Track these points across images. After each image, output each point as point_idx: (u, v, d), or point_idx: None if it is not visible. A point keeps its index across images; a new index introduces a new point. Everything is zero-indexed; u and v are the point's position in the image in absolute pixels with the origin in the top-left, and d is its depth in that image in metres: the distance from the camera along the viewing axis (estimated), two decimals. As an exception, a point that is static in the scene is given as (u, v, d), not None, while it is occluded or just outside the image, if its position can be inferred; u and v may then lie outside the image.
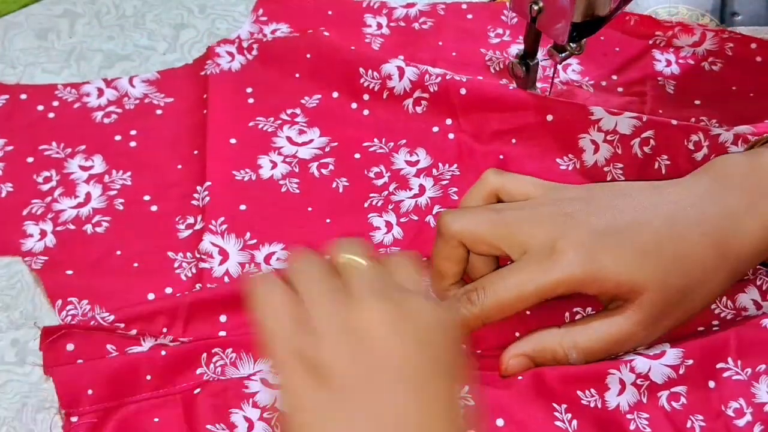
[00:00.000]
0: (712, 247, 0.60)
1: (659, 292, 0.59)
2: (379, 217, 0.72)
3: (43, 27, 0.84)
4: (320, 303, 0.49)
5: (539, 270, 0.59)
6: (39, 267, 0.69)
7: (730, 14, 0.83)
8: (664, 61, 0.80)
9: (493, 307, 0.60)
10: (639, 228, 0.60)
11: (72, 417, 0.61)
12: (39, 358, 0.64)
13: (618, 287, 0.59)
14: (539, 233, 0.60)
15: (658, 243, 0.60)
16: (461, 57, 0.81)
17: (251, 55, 0.81)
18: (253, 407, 0.62)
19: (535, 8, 0.69)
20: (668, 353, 0.61)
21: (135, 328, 0.64)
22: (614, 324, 0.60)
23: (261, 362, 0.63)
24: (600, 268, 0.59)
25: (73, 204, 0.72)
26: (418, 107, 0.77)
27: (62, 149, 0.75)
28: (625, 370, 0.61)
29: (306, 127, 0.77)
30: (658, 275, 0.59)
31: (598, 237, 0.60)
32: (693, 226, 0.60)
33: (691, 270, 0.60)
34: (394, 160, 0.75)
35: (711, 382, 0.61)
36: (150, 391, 0.62)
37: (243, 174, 0.74)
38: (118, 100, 0.79)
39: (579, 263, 0.59)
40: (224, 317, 0.65)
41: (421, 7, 0.85)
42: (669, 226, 0.60)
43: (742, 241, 0.60)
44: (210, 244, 0.69)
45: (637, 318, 0.60)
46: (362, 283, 0.50)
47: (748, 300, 0.65)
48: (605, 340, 0.60)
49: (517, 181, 0.65)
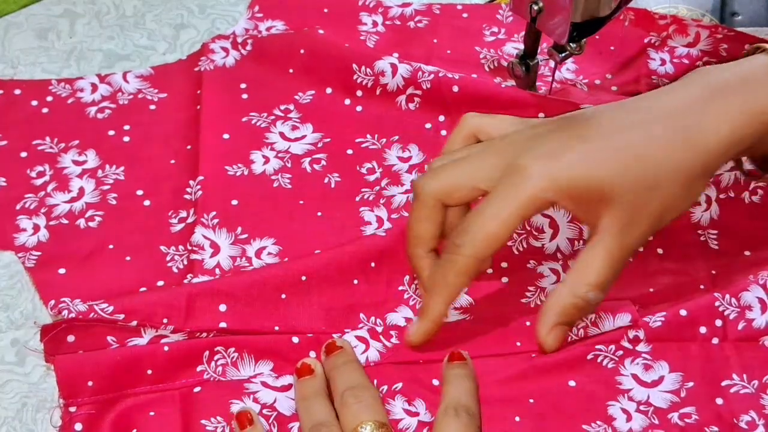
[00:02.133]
0: (679, 141, 0.60)
1: (629, 190, 0.59)
2: (370, 211, 0.72)
3: (43, 27, 0.85)
4: None
5: (510, 191, 0.59)
6: (32, 265, 0.69)
7: (730, 14, 0.83)
8: (658, 60, 0.80)
9: (480, 243, 0.60)
10: (601, 131, 0.60)
11: (71, 407, 0.61)
12: (39, 358, 0.64)
13: (588, 191, 0.59)
14: (506, 157, 0.60)
15: (623, 140, 0.60)
16: (455, 55, 0.81)
17: (245, 51, 0.81)
18: (253, 402, 0.62)
19: (535, 8, 0.69)
20: (666, 379, 0.61)
21: (135, 319, 0.64)
22: (599, 243, 0.59)
23: (262, 364, 0.63)
24: (567, 176, 0.59)
25: (66, 198, 0.73)
26: (411, 104, 0.77)
27: (56, 144, 0.76)
28: (624, 400, 0.61)
29: (299, 122, 0.77)
30: (625, 171, 0.59)
31: (561, 145, 0.60)
32: (657, 121, 0.60)
33: (659, 162, 0.59)
34: (386, 156, 0.75)
35: (718, 399, 0.61)
36: (149, 384, 0.62)
37: (235, 169, 0.74)
38: (112, 96, 0.79)
39: (545, 174, 0.59)
40: (224, 306, 0.65)
41: (417, 6, 0.85)
42: (632, 122, 0.60)
43: (709, 133, 0.60)
44: (202, 237, 0.70)
45: (615, 224, 0.59)
46: None
47: (753, 298, 0.65)
48: (604, 261, 0.59)
49: (496, 121, 0.65)
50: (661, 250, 0.69)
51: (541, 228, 0.70)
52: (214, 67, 0.80)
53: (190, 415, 0.61)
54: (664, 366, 0.62)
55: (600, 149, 0.59)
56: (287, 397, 0.62)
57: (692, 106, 0.61)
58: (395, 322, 0.66)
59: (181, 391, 0.62)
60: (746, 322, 0.64)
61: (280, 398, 0.62)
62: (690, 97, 0.61)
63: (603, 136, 0.60)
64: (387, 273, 0.68)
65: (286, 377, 0.63)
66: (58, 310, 0.64)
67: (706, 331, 0.64)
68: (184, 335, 0.64)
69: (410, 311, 0.66)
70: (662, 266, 0.69)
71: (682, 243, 0.70)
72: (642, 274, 0.68)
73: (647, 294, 0.67)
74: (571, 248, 0.69)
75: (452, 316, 0.66)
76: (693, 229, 0.71)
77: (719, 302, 0.64)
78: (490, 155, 0.62)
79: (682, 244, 0.70)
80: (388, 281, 0.68)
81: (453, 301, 0.62)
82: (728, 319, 0.64)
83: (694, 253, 0.69)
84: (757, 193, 0.72)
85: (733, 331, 0.64)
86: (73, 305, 0.64)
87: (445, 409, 0.59)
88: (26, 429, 0.62)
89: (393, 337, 0.65)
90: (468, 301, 0.67)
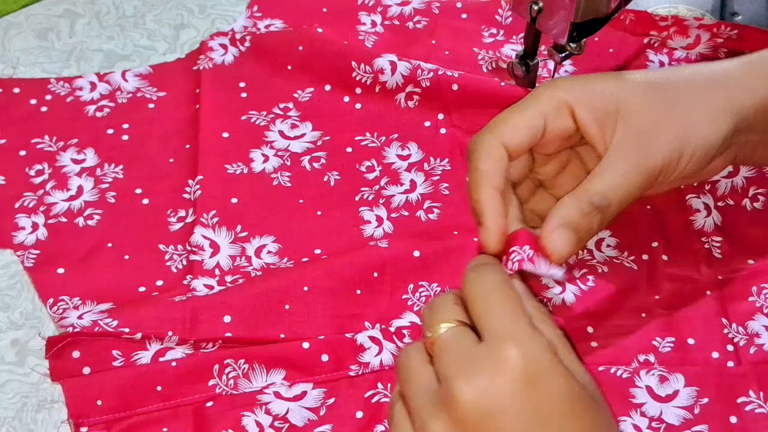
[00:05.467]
0: (702, 76, 0.61)
1: (646, 105, 0.59)
2: (370, 211, 0.72)
3: (43, 27, 0.85)
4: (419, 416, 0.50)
5: (533, 94, 0.60)
6: (31, 264, 0.69)
7: (729, 14, 0.83)
8: (657, 62, 0.80)
9: (504, 126, 0.59)
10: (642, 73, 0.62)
11: (81, 427, 0.61)
12: (39, 358, 0.65)
13: (604, 100, 0.59)
14: None
15: (647, 74, 0.61)
16: (454, 56, 0.81)
17: (244, 47, 0.81)
18: (265, 413, 0.61)
19: (535, 8, 0.69)
20: (681, 393, 0.61)
21: (140, 332, 0.64)
22: (611, 154, 0.59)
23: (274, 373, 0.63)
24: (585, 85, 0.60)
25: (65, 197, 0.73)
26: (410, 102, 0.77)
27: (55, 143, 0.76)
28: (636, 416, 0.61)
29: (298, 121, 0.77)
30: (644, 90, 0.60)
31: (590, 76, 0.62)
32: (698, 74, 0.61)
33: (679, 87, 0.60)
34: (385, 154, 0.75)
35: (733, 417, 0.61)
36: (161, 401, 0.62)
37: (235, 167, 0.74)
38: (111, 94, 0.79)
39: (566, 83, 0.61)
40: (228, 318, 0.65)
41: (416, 5, 0.85)
42: (672, 71, 0.62)
43: (745, 97, 0.60)
44: (201, 237, 0.70)
45: (629, 135, 0.59)
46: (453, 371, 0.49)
47: (760, 326, 0.65)
48: (614, 171, 0.58)
49: None
50: (666, 256, 0.69)
51: None
52: (212, 65, 0.80)
53: (202, 431, 0.61)
54: (680, 379, 0.62)
55: (622, 77, 0.61)
56: (300, 407, 0.62)
57: (733, 74, 0.61)
58: (400, 325, 0.66)
59: (193, 406, 0.62)
60: (757, 347, 0.64)
61: (293, 408, 0.62)
62: (733, 69, 0.62)
63: (636, 73, 0.62)
64: (390, 283, 0.68)
65: (299, 385, 0.63)
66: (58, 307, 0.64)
67: (718, 356, 0.64)
68: (189, 347, 0.64)
69: (415, 317, 0.66)
70: (667, 272, 0.69)
71: (687, 250, 0.70)
72: (647, 281, 0.68)
73: (653, 301, 0.67)
74: (575, 258, 0.69)
75: None
76: (697, 236, 0.70)
77: (727, 329, 0.65)
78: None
79: (687, 250, 0.70)
80: (391, 290, 0.68)
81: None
82: (738, 345, 0.64)
83: (698, 260, 0.69)
84: (758, 200, 0.72)
85: (745, 355, 0.64)
86: (71, 303, 0.64)
87: None
88: (26, 429, 0.62)
89: (406, 336, 0.65)
90: None
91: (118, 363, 0.64)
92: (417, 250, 0.68)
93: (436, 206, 0.72)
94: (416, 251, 0.68)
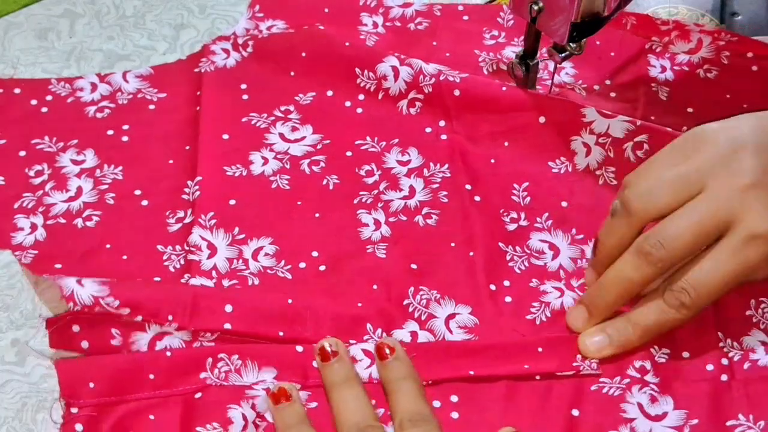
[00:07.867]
0: None
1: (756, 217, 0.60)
2: (368, 214, 0.72)
3: (43, 27, 0.85)
4: None
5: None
6: (28, 262, 0.69)
7: (729, 14, 0.83)
8: (659, 67, 0.80)
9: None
10: None
11: (72, 408, 0.61)
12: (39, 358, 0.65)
13: None
14: None
15: None
16: (455, 57, 0.81)
17: (246, 52, 0.81)
18: (251, 408, 0.61)
19: (535, 8, 0.69)
20: (670, 415, 0.61)
21: (140, 315, 0.64)
22: (720, 250, 0.61)
23: (265, 371, 0.63)
24: None
25: (64, 198, 0.73)
26: (413, 108, 0.77)
27: (54, 143, 0.76)
28: (626, 431, 0.61)
29: (299, 124, 0.77)
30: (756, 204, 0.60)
31: None
32: None
33: None
34: (385, 159, 0.75)
35: None
36: (152, 390, 0.62)
37: (234, 169, 0.74)
38: (112, 95, 0.79)
39: None
40: (230, 307, 0.64)
41: (418, 7, 0.85)
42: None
43: None
44: (199, 238, 0.69)
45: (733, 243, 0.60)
46: None
47: (755, 341, 0.65)
48: (717, 272, 0.61)
49: None
50: None
51: (542, 250, 0.70)
52: (214, 68, 0.80)
53: (188, 421, 0.61)
54: (669, 402, 0.62)
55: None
56: None
57: None
58: (401, 338, 0.65)
59: (183, 396, 0.62)
60: (751, 363, 0.64)
61: None
62: None
63: None
64: (389, 291, 0.68)
65: None
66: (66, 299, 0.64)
67: (713, 369, 0.63)
68: (188, 334, 0.64)
69: (416, 324, 0.66)
70: None
71: None
72: None
73: None
74: (574, 266, 0.69)
75: (457, 335, 0.65)
76: None
77: (722, 343, 0.64)
78: None
79: None
80: (392, 298, 0.67)
81: None
82: (733, 360, 0.64)
83: None
84: None
85: (739, 370, 0.64)
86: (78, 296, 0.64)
87: (400, 423, 0.59)
88: (26, 429, 0.62)
89: None
90: (473, 322, 0.66)
91: (116, 342, 0.63)
92: (414, 264, 0.69)
93: (435, 213, 0.72)
94: (413, 264, 0.69)
